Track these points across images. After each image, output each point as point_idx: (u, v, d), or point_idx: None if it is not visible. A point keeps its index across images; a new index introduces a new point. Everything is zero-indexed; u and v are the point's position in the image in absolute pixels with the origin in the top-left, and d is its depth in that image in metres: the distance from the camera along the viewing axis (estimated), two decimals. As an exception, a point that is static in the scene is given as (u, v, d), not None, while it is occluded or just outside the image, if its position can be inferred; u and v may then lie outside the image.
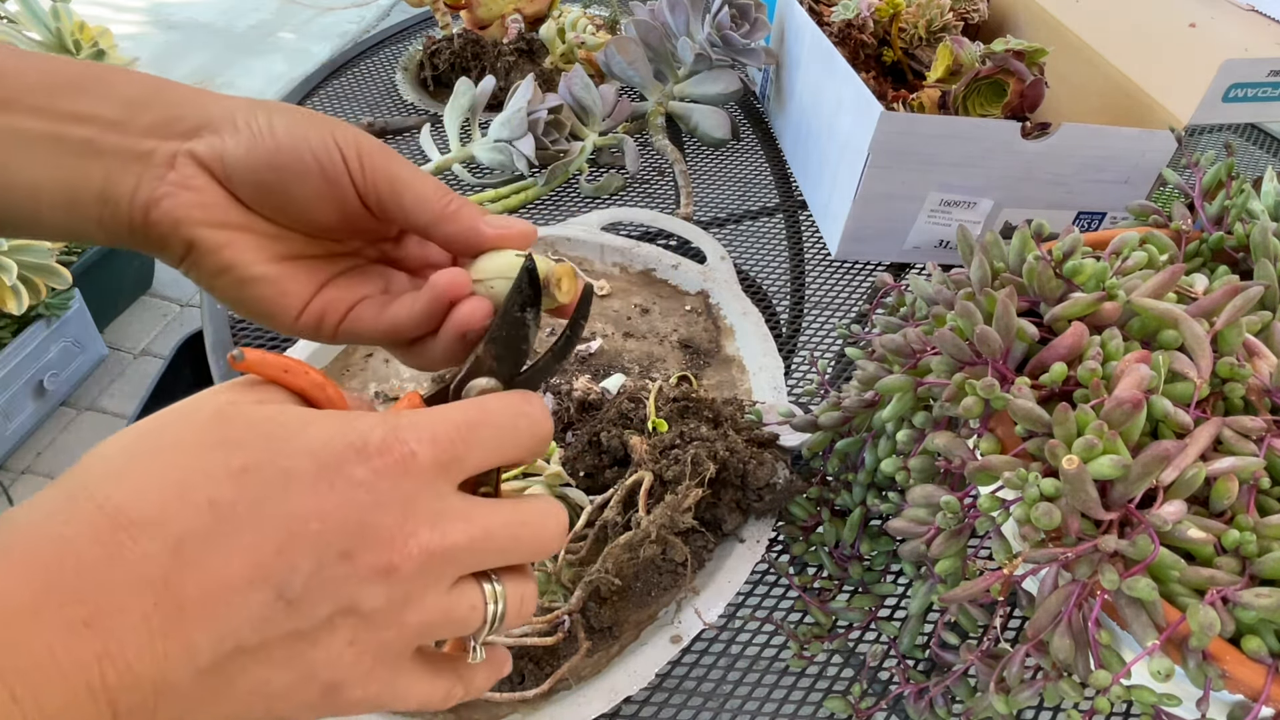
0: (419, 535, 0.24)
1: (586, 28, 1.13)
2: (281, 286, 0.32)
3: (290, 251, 0.33)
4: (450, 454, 0.25)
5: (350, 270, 0.35)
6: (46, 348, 1.52)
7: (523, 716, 0.48)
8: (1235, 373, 0.43)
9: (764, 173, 0.99)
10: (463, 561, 0.25)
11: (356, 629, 0.24)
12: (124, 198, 0.30)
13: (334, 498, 0.23)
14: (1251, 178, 0.59)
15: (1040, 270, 0.47)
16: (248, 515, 0.22)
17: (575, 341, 0.32)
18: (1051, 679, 0.40)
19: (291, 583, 0.22)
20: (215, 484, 0.22)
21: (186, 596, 0.21)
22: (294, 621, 0.22)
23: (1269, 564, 0.37)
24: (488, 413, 0.26)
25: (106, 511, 0.21)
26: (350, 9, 3.01)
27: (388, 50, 1.17)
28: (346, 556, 0.23)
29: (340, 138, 0.31)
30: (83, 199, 0.29)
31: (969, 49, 0.85)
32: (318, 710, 0.24)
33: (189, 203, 0.30)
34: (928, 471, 0.47)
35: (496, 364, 0.29)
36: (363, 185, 0.31)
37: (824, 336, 0.77)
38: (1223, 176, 0.57)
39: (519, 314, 0.30)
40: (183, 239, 0.30)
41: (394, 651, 0.25)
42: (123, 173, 0.29)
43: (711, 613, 0.52)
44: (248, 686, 0.22)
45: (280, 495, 0.22)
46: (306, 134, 0.30)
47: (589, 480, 0.59)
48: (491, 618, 0.27)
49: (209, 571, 0.21)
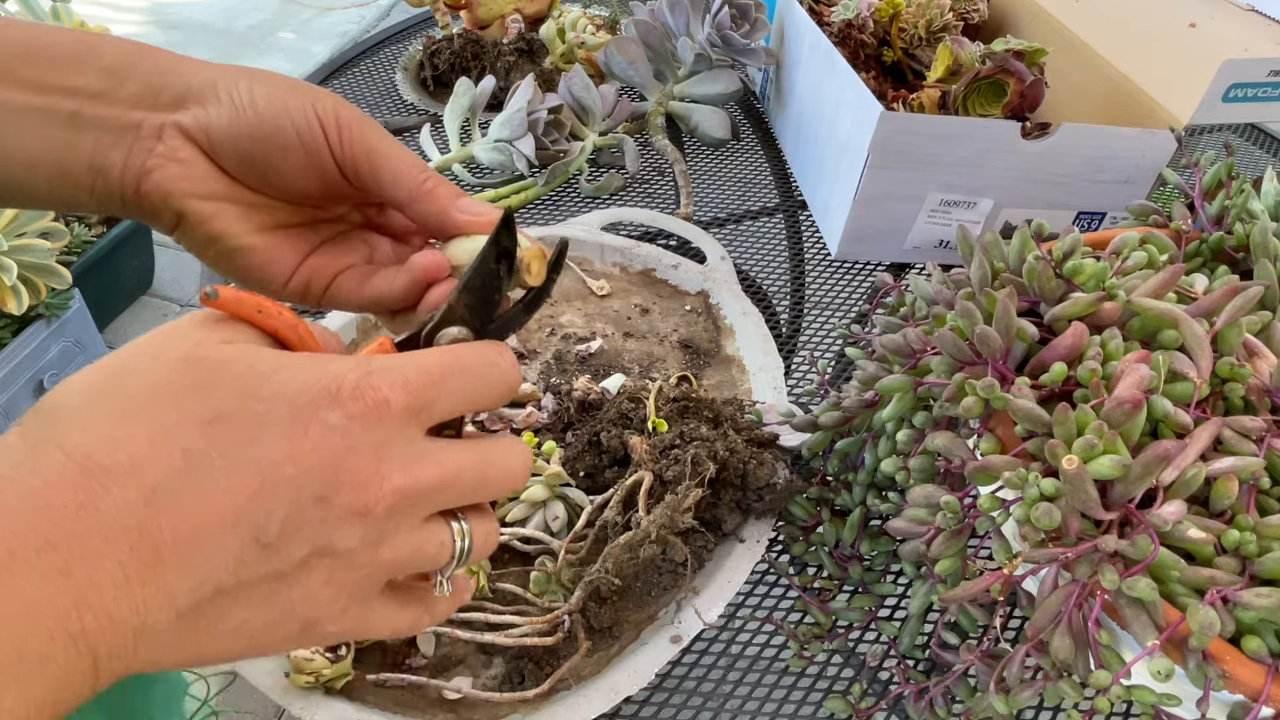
0: (392, 478, 0.24)
1: (586, 28, 1.13)
2: (268, 255, 0.33)
3: (276, 220, 0.33)
4: (422, 400, 0.25)
5: (336, 237, 0.35)
6: (46, 348, 1.52)
7: (523, 716, 0.48)
8: (1235, 373, 0.43)
9: (764, 173, 0.99)
10: (432, 502, 0.26)
11: (332, 569, 0.24)
12: (114, 169, 0.30)
13: (308, 442, 0.23)
14: (1251, 178, 0.59)
15: (1040, 270, 0.47)
16: (221, 462, 0.22)
17: (546, 296, 0.33)
18: (1051, 679, 0.40)
19: (268, 527, 0.22)
20: (187, 431, 0.22)
21: (163, 543, 0.21)
22: (271, 564, 0.23)
23: (1269, 564, 0.37)
24: (460, 360, 0.27)
25: (76, 459, 0.21)
26: (350, 9, 3.01)
27: (388, 50, 1.17)
28: (321, 500, 0.23)
29: (320, 108, 0.31)
30: (74, 170, 0.30)
31: (969, 49, 0.85)
32: (296, 643, 0.25)
33: (176, 175, 0.30)
34: (928, 471, 0.47)
35: (468, 314, 0.29)
36: (341, 157, 0.31)
37: (824, 336, 0.77)
38: (1223, 176, 0.57)
39: (493, 265, 0.30)
40: (172, 210, 0.31)
41: (367, 588, 0.26)
42: (112, 145, 0.30)
43: (711, 613, 0.52)
44: (227, 627, 0.23)
45: (254, 441, 0.22)
46: (287, 105, 0.31)
47: (589, 480, 0.59)
48: (459, 553, 0.28)
49: (184, 518, 0.21)
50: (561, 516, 0.58)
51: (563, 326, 0.75)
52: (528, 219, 0.89)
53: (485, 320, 0.30)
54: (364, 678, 0.49)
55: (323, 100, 0.31)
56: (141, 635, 0.21)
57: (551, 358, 0.71)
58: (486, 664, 0.51)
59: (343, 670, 0.48)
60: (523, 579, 0.55)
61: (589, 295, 0.78)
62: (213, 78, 0.31)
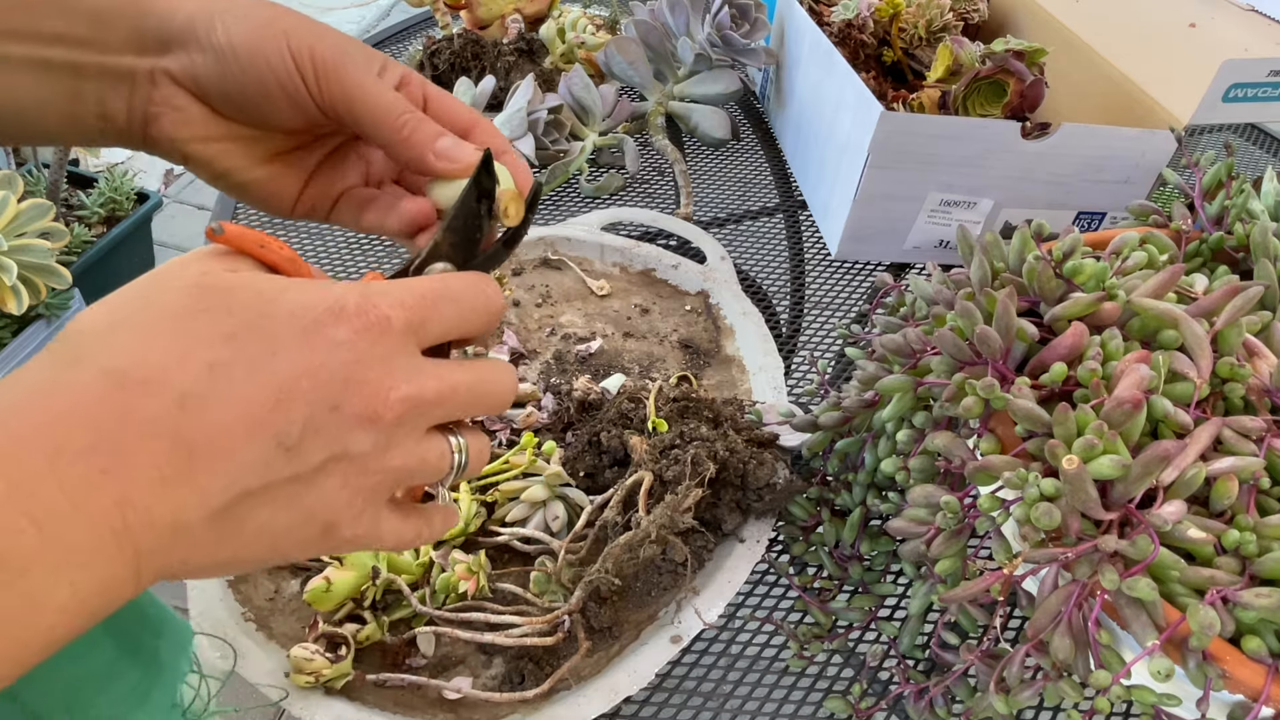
0: (399, 388, 0.26)
1: (586, 28, 1.13)
2: (274, 184, 0.35)
3: (276, 149, 0.35)
4: (419, 318, 0.27)
5: (334, 153, 0.37)
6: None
7: (523, 716, 0.48)
8: (1235, 373, 0.43)
9: (764, 173, 0.99)
10: (434, 414, 0.28)
11: (347, 473, 0.26)
12: (119, 115, 0.32)
13: (318, 356, 0.25)
14: (1251, 178, 0.59)
15: (1040, 270, 0.47)
16: (242, 375, 0.24)
17: (524, 233, 0.35)
18: (1051, 679, 0.40)
19: (289, 432, 0.24)
20: (210, 347, 0.24)
21: (195, 447, 0.23)
22: (293, 466, 0.25)
23: (1269, 564, 0.37)
24: (449, 288, 0.29)
25: (111, 374, 0.23)
26: (350, 9, 3.01)
27: (388, 50, 1.17)
28: (335, 408, 0.25)
29: (295, 46, 0.31)
30: (82, 115, 0.32)
31: (969, 49, 0.85)
32: (315, 548, 0.27)
33: (177, 121, 0.32)
34: (928, 471, 0.47)
35: (452, 250, 0.31)
36: (320, 101, 0.32)
37: (824, 336, 0.77)
38: (1223, 176, 0.57)
39: (475, 204, 0.32)
40: (179, 153, 0.33)
41: (379, 494, 0.28)
42: (113, 93, 0.32)
43: (711, 613, 0.52)
44: (254, 527, 0.25)
45: (269, 356, 0.24)
46: (264, 47, 0.31)
47: (589, 480, 0.59)
48: (456, 465, 0.30)
49: (213, 425, 0.23)
50: (561, 516, 0.58)
51: (563, 326, 0.75)
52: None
53: (469, 256, 0.32)
54: (364, 678, 0.49)
55: (297, 36, 0.32)
56: (177, 533, 0.23)
57: (551, 358, 0.71)
58: (486, 664, 0.51)
59: (343, 670, 0.48)
60: (523, 579, 0.55)
61: (589, 295, 0.78)
62: (190, 17, 0.32)
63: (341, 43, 0.32)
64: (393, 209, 0.35)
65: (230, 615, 0.51)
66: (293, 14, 0.32)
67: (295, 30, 0.32)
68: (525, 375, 0.70)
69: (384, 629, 0.52)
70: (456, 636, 0.50)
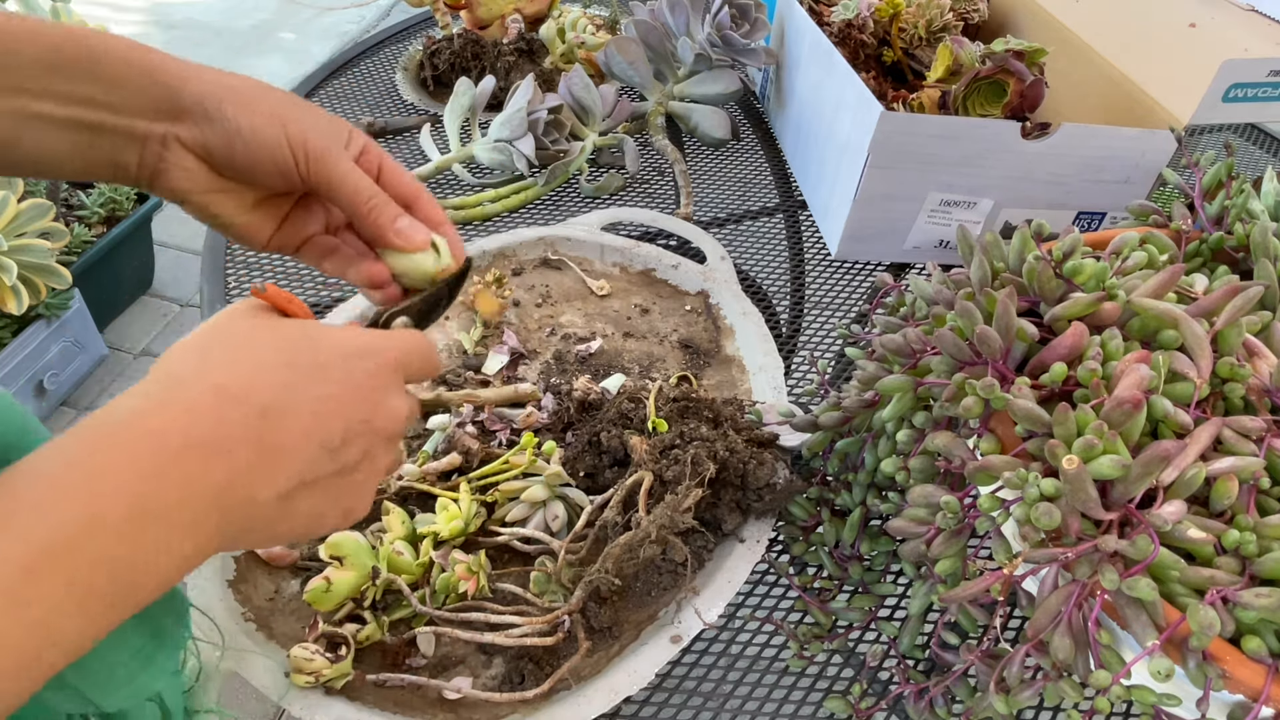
0: (403, 409, 0.37)
1: (586, 28, 1.13)
2: (253, 227, 0.43)
3: (258, 198, 0.43)
4: (406, 361, 0.37)
5: (300, 203, 0.45)
6: (46, 348, 1.52)
7: (523, 716, 0.48)
8: (1235, 373, 0.43)
9: (764, 173, 0.99)
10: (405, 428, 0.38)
11: (368, 470, 0.35)
12: (131, 166, 0.39)
13: (353, 382, 0.34)
14: (1251, 178, 0.59)
15: (1040, 270, 0.47)
16: (302, 394, 0.32)
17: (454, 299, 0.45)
18: (1051, 679, 0.40)
19: (333, 438, 0.33)
20: (278, 372, 0.32)
21: (272, 447, 0.31)
22: (335, 464, 0.33)
23: (1269, 564, 0.37)
24: (419, 344, 0.39)
25: (217, 389, 0.31)
26: (350, 9, 3.01)
27: (388, 50, 1.17)
28: (366, 422, 0.34)
29: (292, 138, 0.39)
30: (96, 163, 0.38)
31: (969, 49, 0.85)
32: (334, 526, 0.35)
33: (182, 177, 0.39)
34: (928, 471, 0.47)
35: (417, 318, 0.43)
36: (307, 179, 0.40)
37: (824, 336, 0.77)
38: (1223, 176, 0.57)
39: (446, 291, 0.44)
40: (180, 199, 0.41)
41: (376, 485, 0.37)
42: (126, 150, 0.38)
43: (711, 613, 0.52)
44: (303, 510, 0.33)
45: (320, 381, 0.33)
46: (267, 134, 0.39)
47: (589, 480, 0.59)
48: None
49: (284, 431, 0.31)
50: (561, 516, 0.58)
51: (563, 326, 0.75)
52: (527, 219, 0.89)
53: (425, 321, 0.44)
54: (364, 678, 0.49)
55: (294, 128, 0.39)
56: (254, 510, 0.31)
57: (551, 358, 0.71)
58: (486, 664, 0.51)
59: (343, 670, 0.48)
60: (523, 579, 0.55)
61: (589, 295, 0.78)
62: (197, 94, 0.38)
63: (327, 130, 0.40)
64: (353, 264, 0.44)
65: (230, 615, 0.51)
66: (288, 102, 0.40)
67: (292, 121, 0.39)
68: (525, 375, 0.70)
69: (384, 629, 0.52)
70: (456, 636, 0.50)
